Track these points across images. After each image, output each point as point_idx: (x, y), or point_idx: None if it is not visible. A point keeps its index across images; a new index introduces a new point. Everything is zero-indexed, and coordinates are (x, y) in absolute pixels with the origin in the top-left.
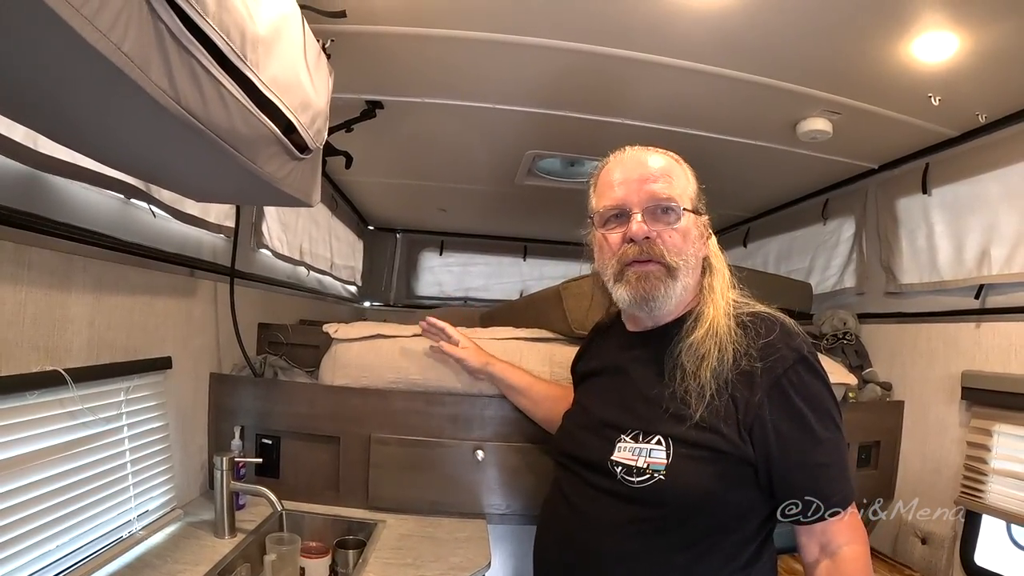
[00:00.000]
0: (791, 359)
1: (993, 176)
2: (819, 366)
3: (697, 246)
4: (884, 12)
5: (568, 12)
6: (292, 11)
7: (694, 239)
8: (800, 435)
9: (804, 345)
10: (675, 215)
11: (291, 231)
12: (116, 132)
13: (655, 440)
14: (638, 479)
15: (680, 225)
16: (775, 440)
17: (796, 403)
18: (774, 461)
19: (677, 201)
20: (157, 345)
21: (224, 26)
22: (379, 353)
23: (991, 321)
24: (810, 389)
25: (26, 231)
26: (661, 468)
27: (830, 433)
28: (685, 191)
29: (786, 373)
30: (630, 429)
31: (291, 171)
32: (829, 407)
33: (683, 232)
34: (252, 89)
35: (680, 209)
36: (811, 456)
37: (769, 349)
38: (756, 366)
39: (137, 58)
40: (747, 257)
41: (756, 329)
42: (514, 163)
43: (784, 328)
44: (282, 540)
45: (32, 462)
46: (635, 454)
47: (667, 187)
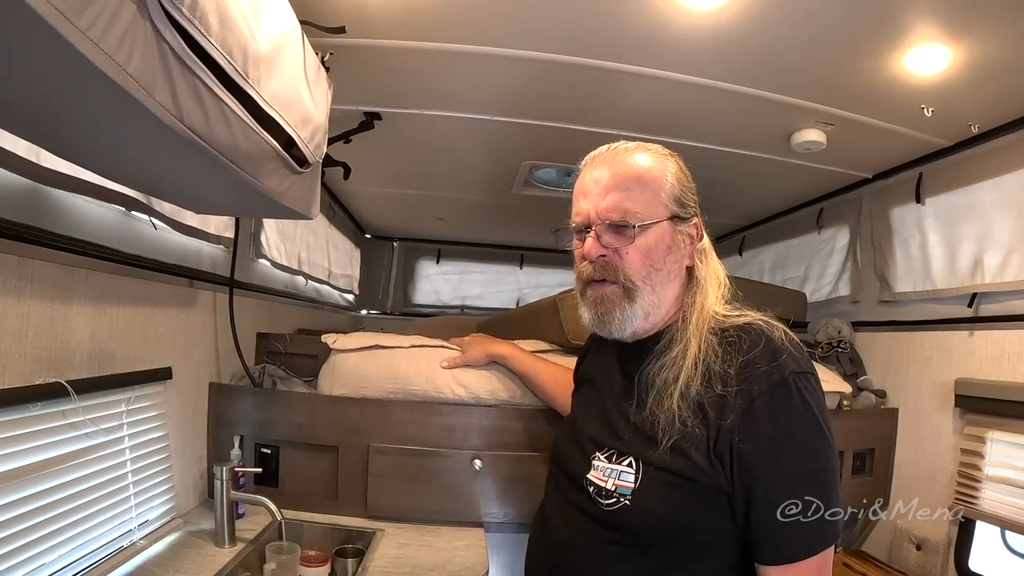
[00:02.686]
0: (769, 381)
1: (986, 185)
2: (805, 388)
3: (672, 258)
4: (876, 26)
5: (564, 26)
6: (293, 27)
7: (664, 251)
8: (766, 469)
9: (790, 364)
10: (633, 230)
11: (289, 240)
12: (119, 147)
13: (626, 463)
14: (606, 502)
15: (641, 241)
16: (739, 471)
17: (765, 431)
18: (737, 494)
19: (633, 217)
20: (157, 356)
21: (227, 45)
22: (377, 363)
23: (984, 329)
24: (786, 417)
25: (29, 244)
26: (628, 492)
27: (803, 467)
28: (656, 199)
29: (761, 396)
30: (606, 447)
31: (291, 185)
32: (806, 436)
33: (644, 249)
34: (254, 106)
35: (637, 226)
36: (774, 492)
37: (748, 369)
38: (731, 388)
39: (142, 78)
40: (743, 265)
41: (740, 345)
42: (511, 173)
43: (770, 344)
44: (282, 549)
45: (35, 473)
46: (606, 475)
47: (624, 200)
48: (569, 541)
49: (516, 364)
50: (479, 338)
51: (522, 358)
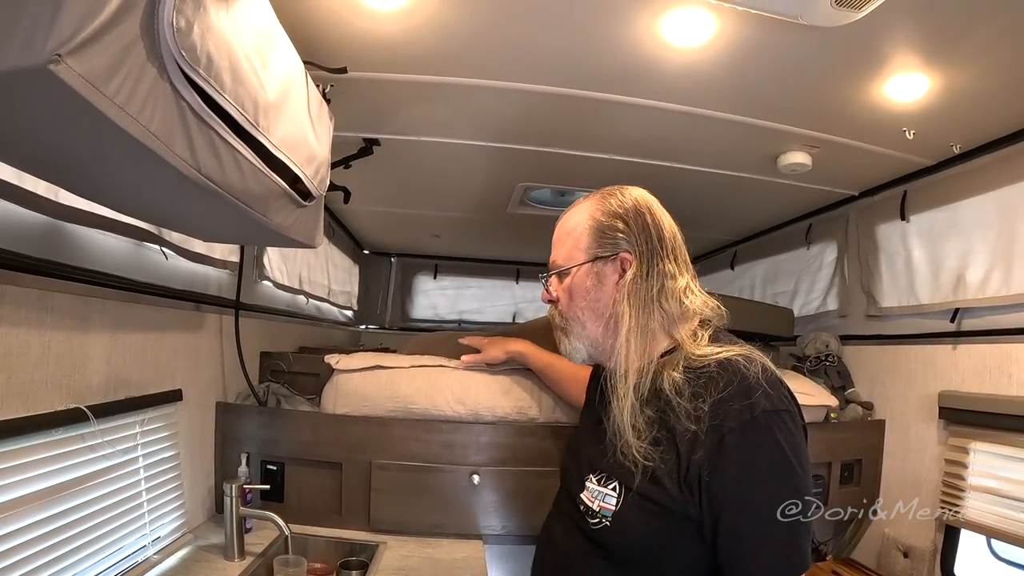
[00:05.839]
0: (739, 420)
1: (968, 203)
2: (777, 426)
3: (594, 296)
4: (856, 57)
5: (557, 61)
6: (297, 70)
7: (585, 291)
8: (733, 501)
9: (763, 402)
10: (557, 279)
11: (290, 261)
12: (137, 191)
13: (612, 486)
14: (592, 520)
15: (565, 284)
16: (707, 504)
17: (733, 468)
18: (706, 524)
19: (557, 264)
20: (168, 378)
21: (239, 99)
22: (378, 383)
23: (966, 343)
24: (753, 452)
25: (49, 278)
26: (608, 514)
27: (767, 503)
28: (577, 245)
29: (731, 433)
30: (598, 470)
31: (297, 219)
32: (774, 473)
33: (568, 290)
34: (264, 152)
35: (557, 271)
36: (742, 527)
37: (720, 406)
38: (703, 424)
39: (163, 135)
40: (734, 280)
41: (717, 382)
42: (506, 194)
43: (744, 383)
44: (288, 562)
45: (57, 494)
46: (594, 496)
47: (554, 252)
48: (567, 552)
49: (534, 361)
50: (497, 340)
51: (539, 355)
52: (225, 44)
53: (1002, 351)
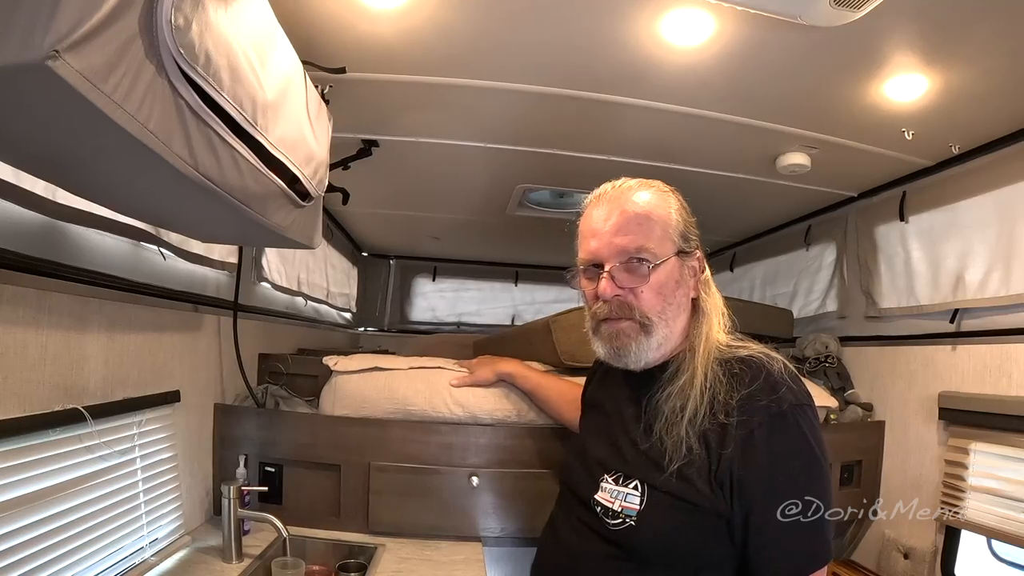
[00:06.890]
0: (768, 414)
1: (967, 204)
2: (803, 419)
3: (681, 291)
4: (855, 58)
5: (556, 62)
6: (296, 70)
7: (674, 286)
8: (763, 495)
9: (789, 396)
10: (647, 268)
11: (289, 263)
12: (135, 190)
13: (632, 485)
14: (613, 522)
15: (655, 279)
16: (738, 497)
17: (763, 460)
18: (736, 519)
19: (649, 255)
20: (166, 379)
21: (237, 98)
22: (377, 385)
23: (966, 344)
24: (783, 447)
25: (46, 277)
26: (633, 514)
27: (798, 493)
28: (665, 235)
29: (760, 428)
30: (613, 470)
31: (295, 219)
32: (802, 465)
33: (658, 286)
34: (262, 151)
35: (652, 263)
36: (771, 516)
37: (748, 401)
38: (732, 419)
39: (161, 133)
40: (734, 281)
41: (741, 378)
42: (505, 195)
43: (770, 378)
44: (287, 564)
45: (54, 495)
46: (613, 496)
47: (639, 238)
48: (578, 555)
49: (522, 382)
50: (486, 359)
51: (528, 375)
52: (224, 42)
53: (1002, 351)
